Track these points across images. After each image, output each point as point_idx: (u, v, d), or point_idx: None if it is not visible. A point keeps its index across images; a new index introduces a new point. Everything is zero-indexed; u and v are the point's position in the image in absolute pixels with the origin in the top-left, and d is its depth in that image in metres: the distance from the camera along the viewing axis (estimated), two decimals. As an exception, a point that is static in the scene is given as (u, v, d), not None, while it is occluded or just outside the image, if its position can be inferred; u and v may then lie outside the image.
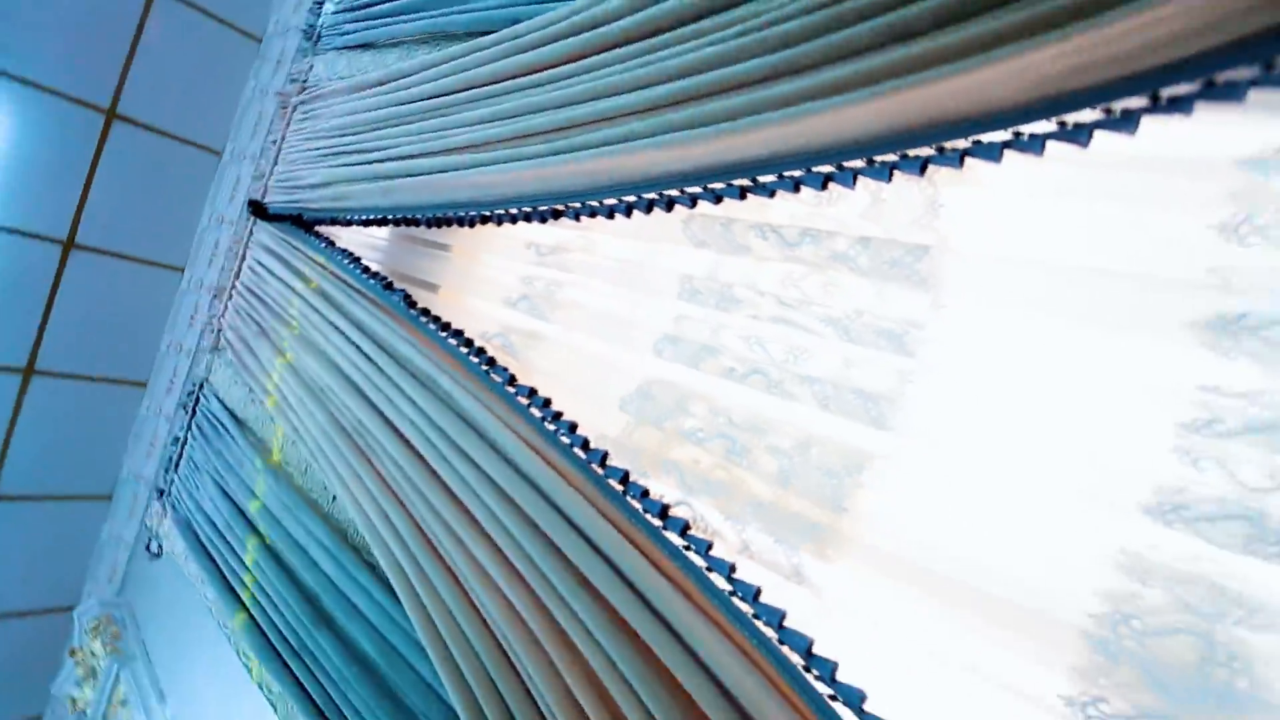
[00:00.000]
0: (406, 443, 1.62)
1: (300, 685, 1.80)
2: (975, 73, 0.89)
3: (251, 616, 2.02)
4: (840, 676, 0.93)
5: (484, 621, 1.33)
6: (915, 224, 1.07)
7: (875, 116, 1.00)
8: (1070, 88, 0.85)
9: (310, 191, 2.29)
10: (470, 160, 1.66)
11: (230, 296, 2.62)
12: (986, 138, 0.95)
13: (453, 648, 1.33)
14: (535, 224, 1.58)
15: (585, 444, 1.29)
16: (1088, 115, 0.87)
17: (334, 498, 1.94)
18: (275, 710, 1.93)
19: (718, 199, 1.22)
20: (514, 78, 1.65)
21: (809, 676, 0.95)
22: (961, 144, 0.96)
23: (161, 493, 2.73)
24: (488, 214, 1.66)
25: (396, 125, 1.98)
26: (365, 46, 2.37)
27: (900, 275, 1.07)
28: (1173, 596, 0.78)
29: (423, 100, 1.90)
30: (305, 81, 2.65)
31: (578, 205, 1.44)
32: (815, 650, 0.95)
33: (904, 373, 1.08)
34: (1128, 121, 0.84)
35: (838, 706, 0.92)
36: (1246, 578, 0.77)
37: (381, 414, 1.72)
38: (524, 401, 1.43)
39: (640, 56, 1.36)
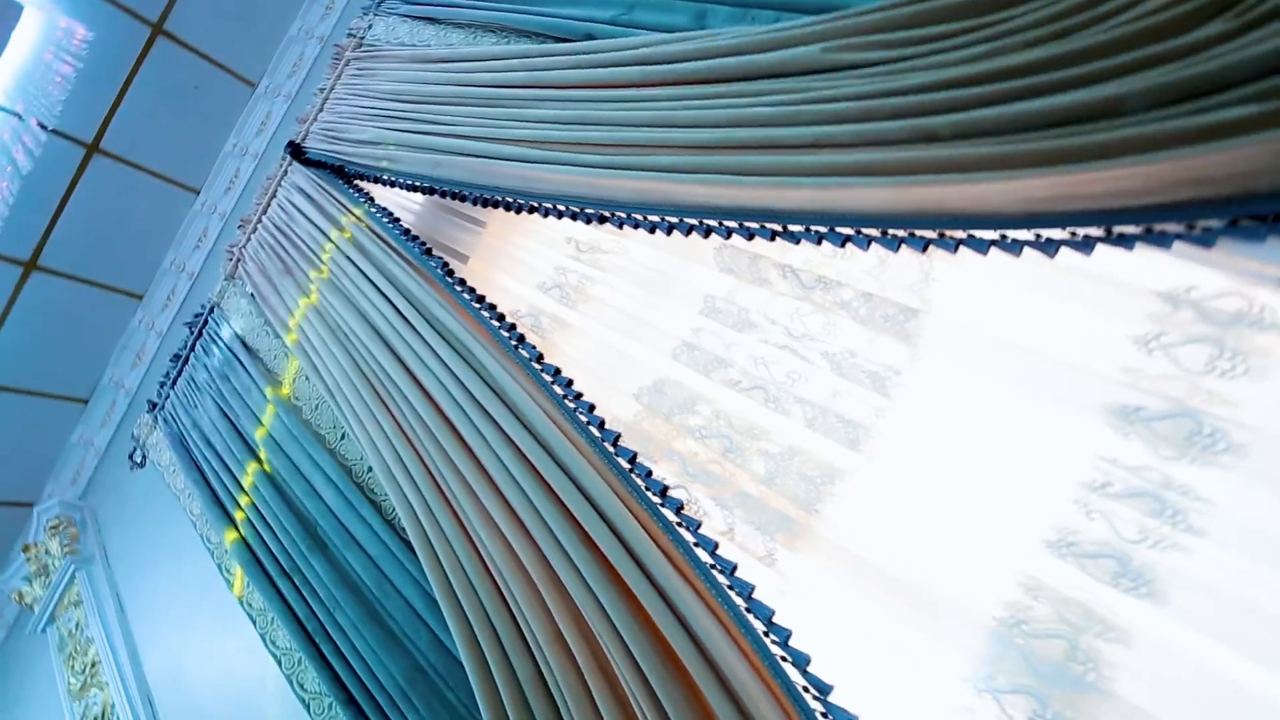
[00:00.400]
0: (428, 396, 1.79)
1: (285, 602, 1.95)
2: (978, 184, 1.11)
3: (242, 535, 2.14)
4: (793, 643, 1.15)
5: (485, 563, 1.51)
6: (910, 289, 1.30)
7: (893, 198, 1.22)
8: (1048, 210, 1.09)
9: (356, 147, 2.41)
10: (526, 154, 1.82)
11: (255, 230, 2.71)
12: (979, 234, 1.18)
13: (454, 583, 1.51)
14: (579, 223, 1.76)
15: (601, 424, 1.49)
16: (1058, 233, 1.10)
17: (343, 436, 2.09)
18: (254, 624, 2.07)
19: (750, 236, 1.43)
20: (580, 88, 1.82)
21: (768, 640, 1.17)
22: (959, 235, 1.19)
23: (153, 405, 2.80)
24: (535, 205, 1.84)
25: (456, 105, 2.12)
26: (431, 20, 2.50)
27: (890, 329, 1.30)
28: (1054, 611, 1.03)
29: (487, 88, 2.06)
30: (362, 39, 2.76)
31: (623, 216, 1.63)
32: (776, 620, 1.17)
33: (879, 409, 1.31)
34: (1086, 245, 1.08)
35: (788, 667, 1.14)
36: (1109, 604, 1.02)
37: (406, 366, 1.88)
38: (548, 379, 1.61)
39: (700, 99, 1.55)
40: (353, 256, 2.18)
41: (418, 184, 2.16)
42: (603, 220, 1.68)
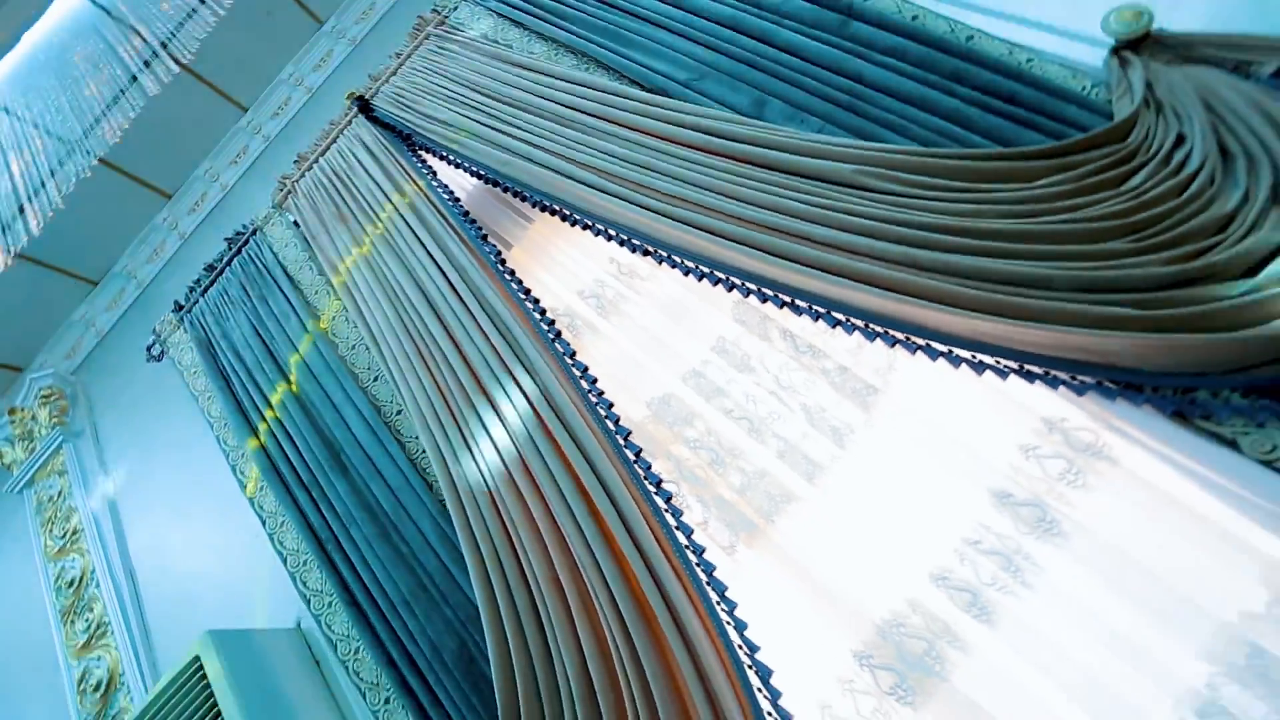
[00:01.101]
0: (468, 363, 2.10)
1: (300, 510, 2.23)
2: (942, 312, 1.52)
3: (263, 444, 2.40)
4: (737, 613, 1.55)
5: (500, 511, 1.85)
6: (876, 371, 1.70)
7: (878, 304, 1.62)
8: (985, 342, 1.50)
9: (428, 121, 2.66)
10: (591, 180, 2.14)
11: (310, 168, 2.92)
12: (934, 345, 1.58)
13: (472, 522, 1.84)
14: (623, 249, 2.10)
15: (617, 420, 1.84)
16: (988, 359, 1.52)
17: (376, 378, 2.37)
18: (264, 524, 2.34)
19: (764, 300, 1.80)
20: (649, 135, 2.15)
21: (719, 608, 1.56)
22: (920, 342, 1.59)
23: (180, 307, 2.98)
24: (588, 224, 2.16)
25: (533, 114, 2.41)
26: (518, 24, 2.75)
27: (856, 398, 1.70)
28: (923, 622, 1.46)
29: (563, 106, 2.35)
30: (446, 17, 2.98)
31: (664, 255, 1.98)
32: (728, 594, 1.57)
33: (834, 455, 1.71)
34: (1004, 372, 1.50)
35: (731, 630, 1.54)
36: (961, 624, 1.45)
37: (450, 332, 2.18)
38: (577, 373, 1.96)
39: (751, 179, 1.91)
40: (411, 223, 2.45)
41: (483, 174, 2.45)
42: (646, 253, 2.03)
